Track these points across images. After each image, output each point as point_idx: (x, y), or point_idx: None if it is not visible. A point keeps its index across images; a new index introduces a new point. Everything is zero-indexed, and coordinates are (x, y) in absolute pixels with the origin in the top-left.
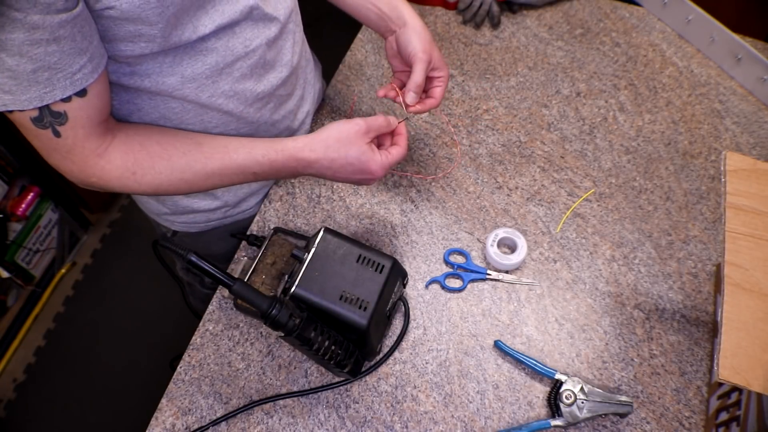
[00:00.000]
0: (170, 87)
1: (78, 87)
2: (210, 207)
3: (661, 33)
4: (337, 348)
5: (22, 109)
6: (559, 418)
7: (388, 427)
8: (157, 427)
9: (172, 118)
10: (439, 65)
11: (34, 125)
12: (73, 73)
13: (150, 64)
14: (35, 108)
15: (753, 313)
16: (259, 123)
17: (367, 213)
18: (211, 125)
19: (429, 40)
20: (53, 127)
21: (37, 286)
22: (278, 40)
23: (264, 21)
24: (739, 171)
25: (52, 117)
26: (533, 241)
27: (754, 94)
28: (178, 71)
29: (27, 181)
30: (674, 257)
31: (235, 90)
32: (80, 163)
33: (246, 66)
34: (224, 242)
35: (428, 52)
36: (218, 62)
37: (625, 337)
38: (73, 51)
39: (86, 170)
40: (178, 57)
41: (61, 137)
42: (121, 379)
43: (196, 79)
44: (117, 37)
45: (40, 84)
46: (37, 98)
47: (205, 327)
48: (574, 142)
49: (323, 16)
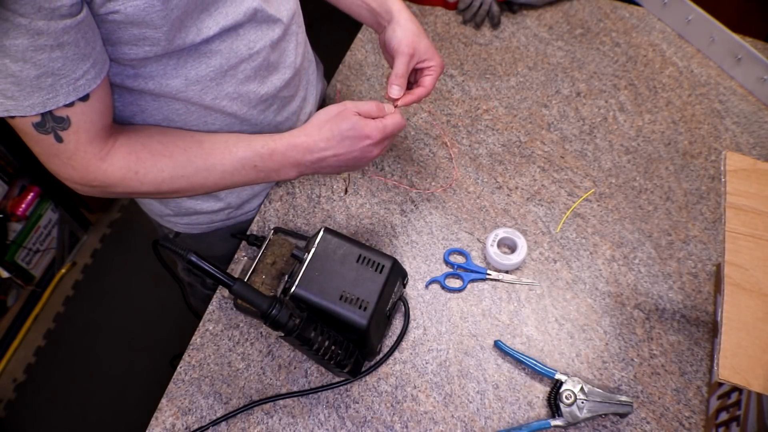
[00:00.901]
0: (174, 89)
1: (81, 93)
2: (213, 209)
3: (661, 33)
4: (337, 348)
5: (24, 115)
6: (559, 418)
7: (388, 427)
8: (157, 427)
9: (176, 120)
10: (428, 56)
11: (36, 131)
12: (77, 79)
13: (154, 67)
14: (38, 114)
15: (753, 313)
16: (262, 125)
17: (367, 213)
18: (215, 127)
19: (414, 32)
20: (55, 132)
21: (37, 286)
22: (282, 42)
23: (267, 23)
24: (739, 171)
25: (55, 122)
26: (533, 241)
27: (754, 94)
28: (182, 73)
29: (27, 181)
30: (674, 257)
31: (239, 92)
32: (81, 169)
33: (250, 68)
34: (226, 243)
35: (412, 44)
36: (222, 64)
37: (625, 337)
38: (76, 57)
39: (87, 175)
40: (182, 59)
41: (63, 142)
42: (121, 379)
43: (200, 82)
44: (121, 40)
45: (43, 90)
46: (39, 104)
47: (205, 327)
48: (574, 142)
49: (323, 16)
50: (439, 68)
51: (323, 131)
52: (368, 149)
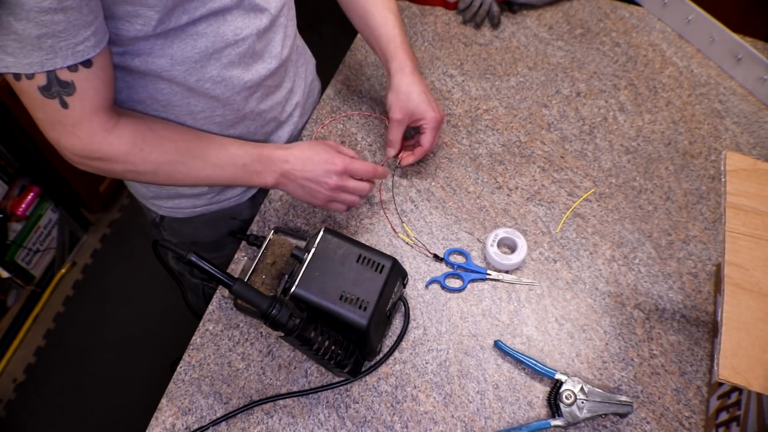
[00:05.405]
0: (159, 68)
1: (80, 58)
2: (194, 192)
3: (661, 33)
4: (337, 348)
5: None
6: (559, 418)
7: (388, 427)
8: (157, 427)
9: (160, 99)
10: (420, 114)
11: (42, 94)
12: (77, 44)
13: (141, 45)
14: (42, 73)
15: (753, 313)
16: (245, 112)
17: (367, 213)
18: (197, 109)
19: (406, 94)
20: (61, 97)
21: (37, 286)
22: (268, 32)
23: (255, 11)
24: (739, 171)
25: (60, 86)
26: (533, 241)
27: (754, 94)
28: (168, 53)
29: (27, 181)
30: (674, 257)
31: (223, 76)
32: (86, 138)
33: (235, 53)
34: (211, 229)
35: (402, 110)
36: (207, 47)
37: (625, 337)
38: (78, 23)
39: (91, 145)
40: (169, 39)
41: (69, 108)
42: (121, 379)
43: (185, 62)
44: (115, 15)
45: (42, 50)
46: (38, 63)
47: (205, 327)
48: (574, 142)
49: (323, 16)
50: (433, 122)
51: (302, 148)
52: (327, 175)
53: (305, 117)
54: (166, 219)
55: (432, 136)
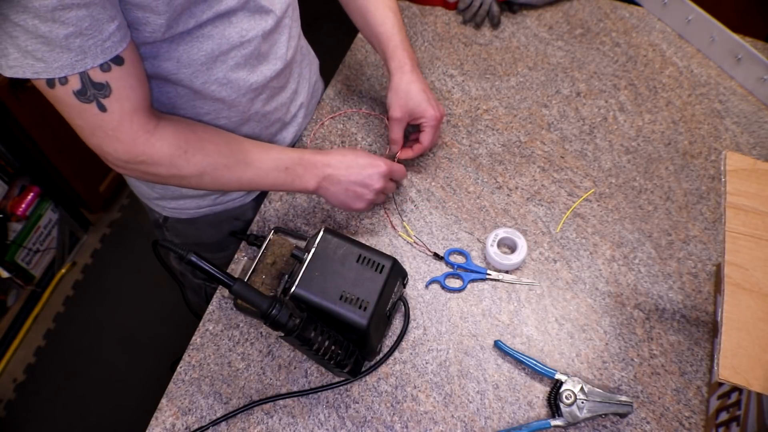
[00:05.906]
0: (165, 71)
1: (109, 55)
2: (199, 193)
3: (661, 33)
4: (337, 348)
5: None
6: (559, 418)
7: (388, 427)
8: (157, 427)
9: (165, 103)
10: (420, 112)
11: (78, 99)
12: (104, 40)
13: (147, 49)
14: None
15: (753, 313)
16: (250, 113)
17: (367, 213)
18: (203, 111)
19: (406, 93)
20: (98, 100)
21: (37, 286)
22: (273, 33)
23: (260, 13)
24: (739, 171)
25: (95, 89)
26: (533, 241)
27: (754, 94)
28: (174, 56)
29: (27, 181)
30: (674, 257)
31: (229, 78)
32: (128, 141)
33: (240, 55)
34: (215, 230)
35: (401, 109)
36: (213, 50)
37: (625, 337)
38: (102, 17)
39: (135, 149)
40: (175, 43)
41: (107, 111)
42: (121, 379)
43: (191, 65)
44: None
45: (72, 51)
46: (68, 66)
47: (205, 327)
48: (574, 142)
49: (323, 16)
50: (433, 120)
51: (342, 152)
52: (373, 177)
53: (309, 118)
54: (170, 220)
55: (431, 134)
